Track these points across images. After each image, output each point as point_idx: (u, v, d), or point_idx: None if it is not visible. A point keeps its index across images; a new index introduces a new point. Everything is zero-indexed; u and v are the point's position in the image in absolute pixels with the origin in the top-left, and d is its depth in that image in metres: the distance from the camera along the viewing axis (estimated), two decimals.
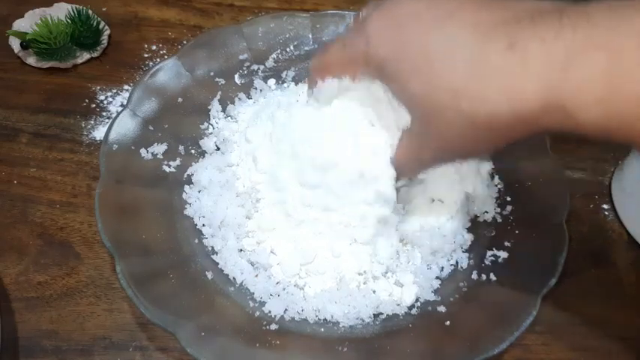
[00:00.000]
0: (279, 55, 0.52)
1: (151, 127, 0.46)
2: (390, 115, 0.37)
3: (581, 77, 0.26)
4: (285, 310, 0.39)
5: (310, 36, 0.52)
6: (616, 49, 0.25)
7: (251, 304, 0.40)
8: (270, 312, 0.39)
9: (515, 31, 0.28)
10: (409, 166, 0.38)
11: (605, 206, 0.48)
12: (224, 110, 0.49)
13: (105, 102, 0.51)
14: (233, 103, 0.50)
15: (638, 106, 0.25)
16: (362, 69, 0.35)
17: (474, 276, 0.41)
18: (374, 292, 0.41)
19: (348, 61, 0.36)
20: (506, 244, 0.43)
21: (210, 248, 0.42)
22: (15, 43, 0.52)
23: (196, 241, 0.42)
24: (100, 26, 0.54)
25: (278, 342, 0.38)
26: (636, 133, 0.26)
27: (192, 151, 0.47)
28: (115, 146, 0.43)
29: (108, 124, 0.44)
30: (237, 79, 0.51)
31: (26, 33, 0.51)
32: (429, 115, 0.31)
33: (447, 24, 0.30)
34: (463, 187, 0.42)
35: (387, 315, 0.40)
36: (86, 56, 0.53)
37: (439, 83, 0.30)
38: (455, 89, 0.29)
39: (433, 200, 0.43)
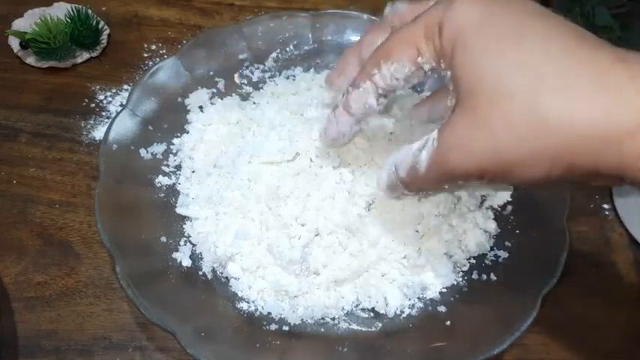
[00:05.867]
0: (279, 55, 0.52)
1: (150, 127, 0.45)
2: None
3: None
4: (284, 309, 0.39)
5: (310, 35, 0.52)
6: None
7: (251, 304, 0.40)
8: (270, 312, 0.39)
9: (621, 52, 0.25)
10: (455, 155, 0.29)
11: (606, 206, 0.48)
12: None
13: (104, 102, 0.51)
14: None
15: None
16: (425, 46, 0.30)
17: (474, 276, 0.41)
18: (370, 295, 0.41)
19: (412, 37, 0.30)
20: (507, 244, 0.43)
21: None
22: (14, 43, 0.52)
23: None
24: (100, 26, 0.54)
25: (278, 342, 0.38)
26: None
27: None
28: (115, 146, 0.43)
29: (107, 124, 0.44)
30: (236, 78, 0.51)
31: (26, 32, 0.51)
32: (492, 99, 0.26)
33: (546, 17, 0.27)
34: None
35: (387, 315, 0.40)
36: (86, 56, 0.53)
37: (524, 63, 0.26)
38: (539, 78, 0.25)
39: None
